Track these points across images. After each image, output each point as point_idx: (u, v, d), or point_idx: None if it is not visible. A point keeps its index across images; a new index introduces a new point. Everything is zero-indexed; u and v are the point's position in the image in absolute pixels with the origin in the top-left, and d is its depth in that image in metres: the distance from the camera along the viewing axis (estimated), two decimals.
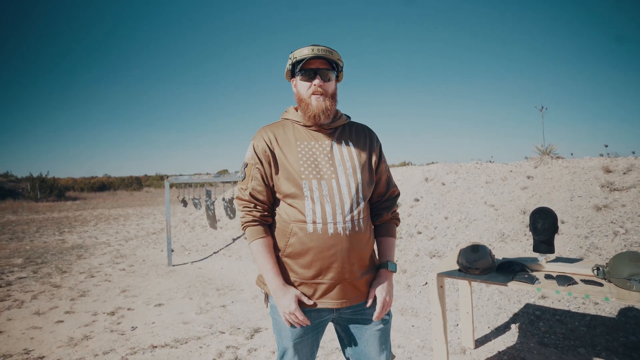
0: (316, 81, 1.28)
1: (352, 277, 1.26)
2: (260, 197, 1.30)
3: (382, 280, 1.33)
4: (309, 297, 1.27)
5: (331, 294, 1.26)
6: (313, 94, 1.29)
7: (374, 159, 1.37)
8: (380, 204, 1.42)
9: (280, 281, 1.25)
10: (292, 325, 1.28)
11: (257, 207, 1.30)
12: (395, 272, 1.38)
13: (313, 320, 1.29)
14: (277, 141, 1.31)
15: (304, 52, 1.28)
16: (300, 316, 1.23)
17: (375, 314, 1.30)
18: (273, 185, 1.30)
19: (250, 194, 1.30)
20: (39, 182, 19.95)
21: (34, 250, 7.09)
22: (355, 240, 1.25)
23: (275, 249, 1.30)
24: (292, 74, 1.35)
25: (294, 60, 1.30)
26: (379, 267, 1.37)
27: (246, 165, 1.33)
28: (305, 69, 1.29)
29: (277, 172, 1.28)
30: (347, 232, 1.23)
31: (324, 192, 1.25)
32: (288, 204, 1.27)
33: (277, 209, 1.32)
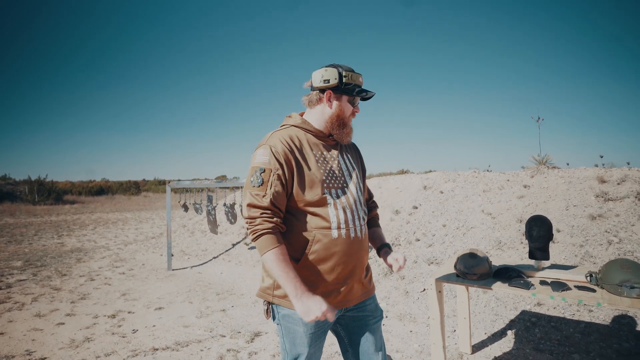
0: (358, 108, 1.44)
1: (362, 276, 1.40)
2: (281, 203, 1.27)
3: (390, 251, 1.50)
4: (328, 302, 1.27)
5: (349, 295, 1.35)
6: (350, 116, 1.42)
7: (363, 170, 1.56)
8: (367, 204, 1.62)
9: (305, 287, 1.22)
10: (312, 331, 1.31)
11: (277, 214, 1.26)
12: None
13: (325, 324, 1.35)
14: (295, 147, 1.31)
15: (361, 80, 1.40)
16: (332, 316, 1.20)
17: (399, 268, 1.41)
18: (291, 192, 1.28)
19: (271, 201, 1.24)
20: (37, 185, 19.93)
21: (33, 253, 7.09)
22: (365, 242, 1.40)
23: (295, 258, 1.29)
24: (339, 91, 1.37)
25: (352, 82, 1.37)
26: (382, 246, 1.54)
27: (263, 170, 1.25)
28: (363, 97, 1.42)
29: (299, 179, 1.28)
30: (363, 236, 1.37)
31: (342, 199, 1.34)
32: (310, 212, 1.28)
33: (293, 218, 1.30)
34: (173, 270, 5.66)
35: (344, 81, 1.36)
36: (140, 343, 3.06)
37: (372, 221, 1.61)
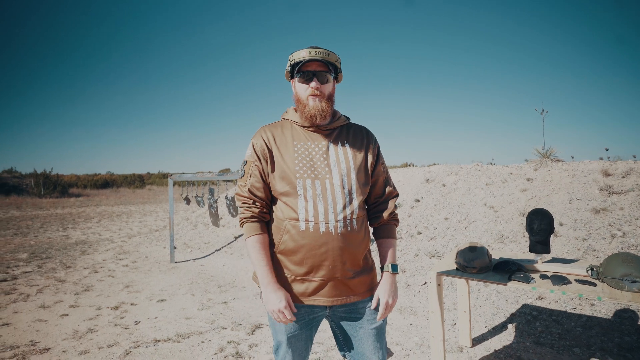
0: (313, 84, 1.31)
1: (344, 275, 1.28)
2: (259, 193, 1.33)
3: (384, 283, 1.34)
4: (301, 294, 1.29)
5: (323, 292, 1.28)
6: (310, 95, 1.32)
7: (370, 160, 1.38)
8: (377, 205, 1.43)
9: (273, 278, 1.28)
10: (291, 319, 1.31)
11: (256, 203, 1.34)
12: (397, 273, 1.39)
13: (306, 316, 1.32)
14: (275, 140, 1.35)
15: (302, 55, 1.31)
16: (289, 315, 1.24)
17: (378, 316, 1.31)
18: (269, 182, 1.34)
19: (249, 190, 1.33)
20: (43, 179, 20.08)
21: (39, 245, 7.17)
22: (347, 239, 1.26)
23: (271, 245, 1.33)
24: (292, 76, 1.38)
25: (293, 62, 1.34)
26: (381, 270, 1.39)
27: (245, 162, 1.37)
28: (303, 71, 1.32)
29: (272, 171, 1.32)
30: (339, 231, 1.25)
31: (317, 191, 1.27)
32: (283, 202, 1.30)
33: (273, 206, 1.35)
34: (176, 262, 5.70)
35: (291, 64, 1.35)
36: (142, 334, 3.09)
37: (382, 230, 1.42)
